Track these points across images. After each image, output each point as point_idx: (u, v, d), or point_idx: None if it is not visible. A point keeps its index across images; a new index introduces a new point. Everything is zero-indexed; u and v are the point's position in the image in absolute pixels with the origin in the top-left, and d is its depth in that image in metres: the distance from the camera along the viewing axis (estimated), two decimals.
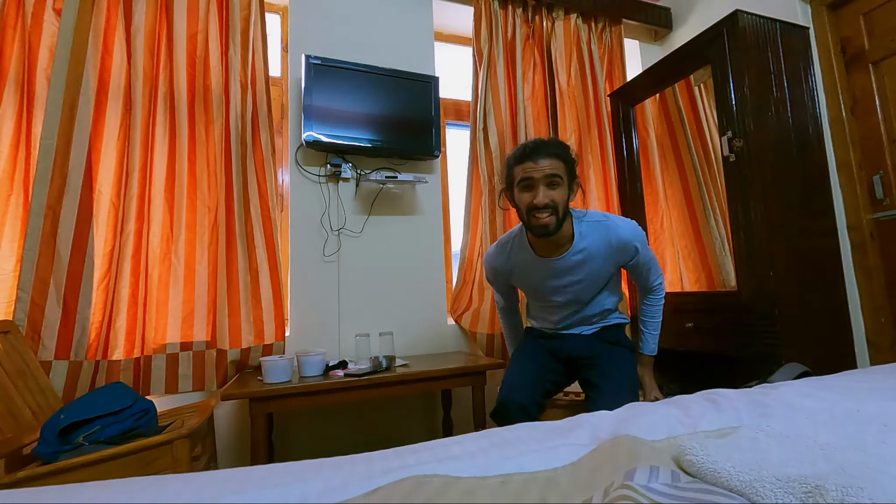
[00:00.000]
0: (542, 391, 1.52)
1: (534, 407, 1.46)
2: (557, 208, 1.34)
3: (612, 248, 1.43)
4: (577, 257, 1.43)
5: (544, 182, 1.33)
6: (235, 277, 1.80)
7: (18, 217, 1.60)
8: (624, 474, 0.57)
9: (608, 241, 1.42)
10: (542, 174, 1.33)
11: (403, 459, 0.72)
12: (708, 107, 2.20)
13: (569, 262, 1.43)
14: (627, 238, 1.43)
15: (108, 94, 1.74)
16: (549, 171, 1.33)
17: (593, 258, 1.43)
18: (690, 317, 2.01)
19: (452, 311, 2.25)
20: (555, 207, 1.33)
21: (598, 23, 2.62)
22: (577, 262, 1.43)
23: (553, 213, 1.33)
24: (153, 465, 1.13)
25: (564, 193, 1.36)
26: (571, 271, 1.45)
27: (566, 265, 1.44)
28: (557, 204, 1.34)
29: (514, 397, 1.45)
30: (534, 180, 1.34)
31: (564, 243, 1.43)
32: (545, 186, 1.33)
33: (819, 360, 1.62)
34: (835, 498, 0.48)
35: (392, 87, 2.16)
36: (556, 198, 1.33)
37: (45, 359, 1.51)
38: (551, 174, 1.33)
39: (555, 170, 1.33)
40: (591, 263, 1.43)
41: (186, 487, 0.65)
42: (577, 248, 1.42)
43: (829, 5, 2.01)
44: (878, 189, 1.85)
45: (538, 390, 1.50)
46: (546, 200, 1.32)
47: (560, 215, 1.35)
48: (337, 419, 2.02)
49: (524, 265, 1.51)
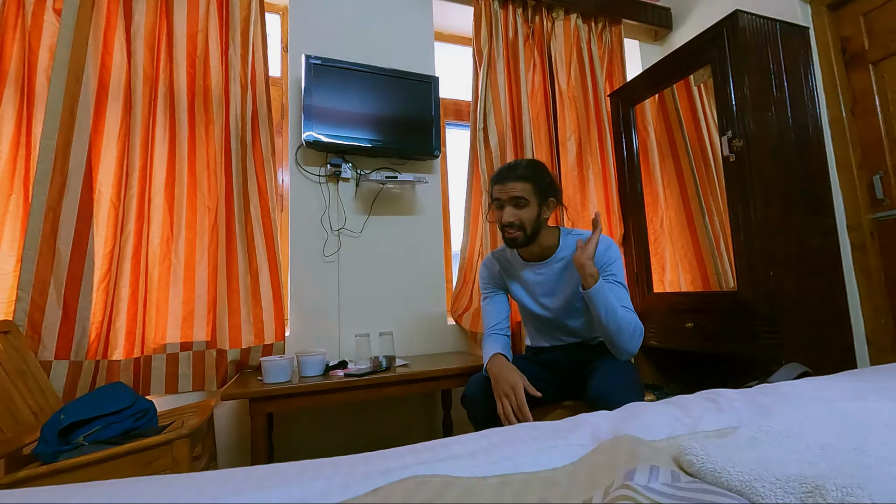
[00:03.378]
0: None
1: None
2: (524, 225, 1.46)
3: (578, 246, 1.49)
4: (559, 265, 1.53)
5: (510, 203, 1.46)
6: (235, 277, 1.80)
7: (18, 217, 1.60)
8: (624, 474, 0.57)
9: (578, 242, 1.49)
10: (509, 196, 1.46)
11: (403, 459, 0.72)
12: (707, 107, 2.20)
13: (552, 268, 1.54)
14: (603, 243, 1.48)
15: (108, 94, 1.74)
16: (515, 194, 1.45)
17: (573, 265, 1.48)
18: (690, 317, 2.01)
19: (452, 311, 2.25)
20: (520, 225, 1.46)
21: (598, 23, 2.62)
22: (560, 269, 1.53)
23: (519, 229, 1.46)
24: (153, 465, 1.13)
25: (532, 212, 1.47)
26: (556, 279, 1.54)
27: (551, 272, 1.54)
28: (523, 221, 1.46)
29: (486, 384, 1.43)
30: (502, 201, 1.48)
31: (549, 252, 1.54)
32: (512, 206, 1.46)
33: (819, 360, 1.62)
34: (835, 498, 0.48)
35: (392, 87, 2.16)
36: (521, 216, 1.46)
37: (45, 359, 1.51)
38: (517, 196, 1.45)
39: (521, 192, 1.45)
40: (573, 270, 1.49)
41: (186, 487, 0.65)
42: (559, 256, 1.54)
43: (829, 5, 2.01)
44: (878, 189, 1.85)
45: None
46: (511, 219, 1.45)
47: (528, 231, 1.47)
48: (337, 419, 2.02)
49: (515, 271, 1.62)
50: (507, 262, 1.64)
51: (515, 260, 1.61)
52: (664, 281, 2.35)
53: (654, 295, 2.28)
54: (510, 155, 2.31)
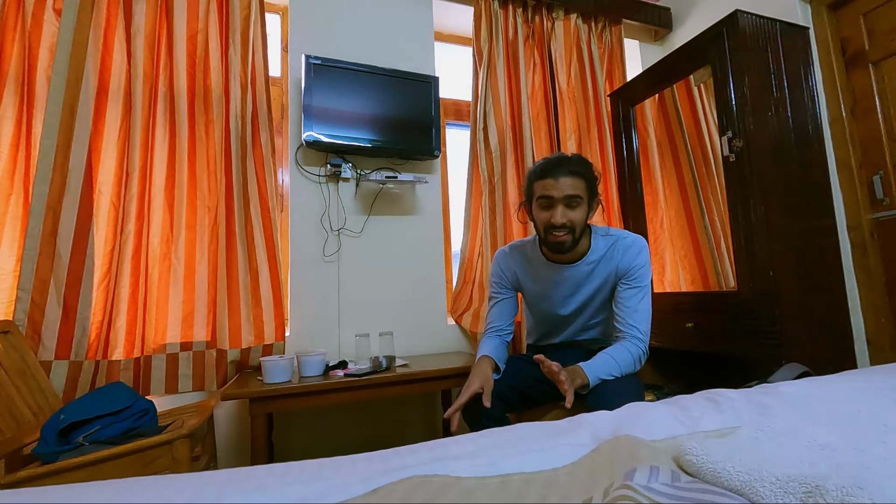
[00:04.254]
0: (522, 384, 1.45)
1: (512, 393, 1.40)
2: (575, 228, 1.33)
3: (617, 252, 1.42)
4: (588, 268, 1.43)
5: (563, 202, 1.31)
6: (235, 277, 1.80)
7: (18, 217, 1.60)
8: (624, 474, 0.57)
9: (615, 247, 1.42)
10: (562, 194, 1.31)
11: (403, 459, 0.72)
12: (707, 107, 2.20)
13: (580, 271, 1.43)
14: (634, 245, 1.42)
15: (108, 94, 1.74)
16: (570, 192, 1.31)
17: (603, 268, 1.42)
18: (690, 317, 2.01)
19: (452, 311, 2.25)
20: (572, 228, 1.33)
21: (598, 23, 2.62)
22: (587, 273, 1.43)
23: (570, 232, 1.33)
24: (153, 465, 1.13)
25: (583, 213, 1.34)
26: (581, 282, 1.44)
27: (577, 274, 1.44)
28: (575, 224, 1.33)
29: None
30: (553, 200, 1.32)
31: (577, 256, 1.43)
32: (564, 206, 1.31)
33: (819, 360, 1.62)
34: (835, 498, 0.48)
35: (392, 87, 2.16)
36: (574, 218, 1.32)
37: (45, 359, 1.51)
38: (571, 195, 1.31)
39: (575, 189, 1.32)
40: (600, 274, 1.43)
41: (186, 487, 0.65)
42: (590, 259, 1.42)
43: (829, 5, 2.01)
44: (878, 189, 1.85)
45: (518, 380, 1.44)
46: (564, 220, 1.31)
47: (577, 234, 1.34)
48: (337, 419, 2.02)
49: (535, 270, 1.51)
50: (526, 260, 1.52)
51: (537, 258, 1.49)
52: (664, 281, 2.35)
53: (655, 295, 2.27)
54: (510, 155, 2.31)
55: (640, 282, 1.39)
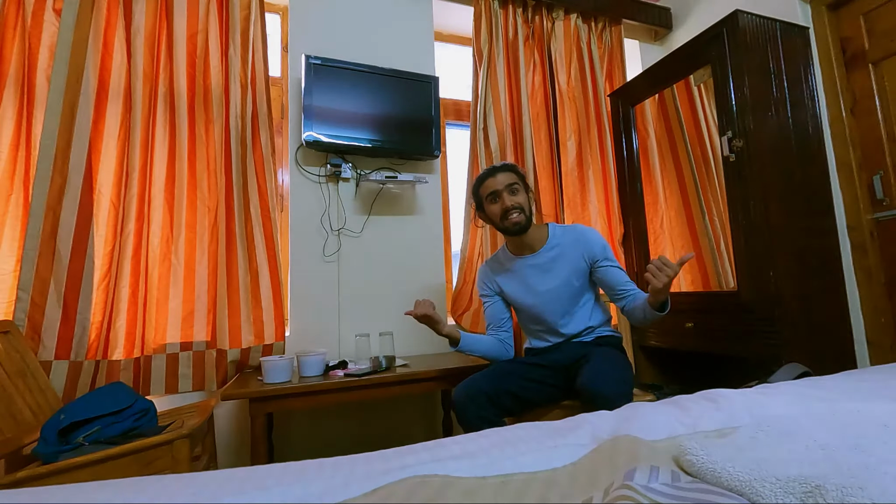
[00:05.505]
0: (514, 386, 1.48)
1: (505, 396, 1.44)
2: (522, 208, 1.57)
3: (580, 242, 1.60)
4: (552, 253, 1.61)
5: (506, 190, 1.57)
6: (235, 277, 1.80)
7: (18, 217, 1.60)
8: (624, 474, 0.57)
9: (576, 238, 1.62)
10: (503, 185, 1.57)
11: (403, 459, 0.72)
12: (707, 107, 2.20)
13: (544, 257, 1.62)
14: (592, 233, 1.63)
15: (108, 94, 1.74)
16: (508, 182, 1.57)
17: (566, 252, 1.60)
18: (690, 317, 2.01)
19: (452, 311, 2.25)
20: (521, 208, 1.56)
21: (598, 23, 2.62)
22: (552, 258, 1.61)
23: (521, 212, 1.56)
24: (153, 465, 1.13)
25: (524, 197, 1.59)
26: (547, 267, 1.61)
27: (541, 260, 1.62)
28: (521, 204, 1.57)
29: (481, 385, 1.44)
30: (498, 191, 1.57)
31: (539, 243, 1.63)
32: (507, 193, 1.57)
33: (819, 360, 1.62)
34: (835, 498, 0.48)
35: (392, 87, 2.16)
36: (519, 200, 1.57)
37: (45, 359, 1.51)
38: (509, 183, 1.57)
39: (511, 179, 1.58)
40: (565, 258, 1.60)
41: (186, 487, 0.65)
42: (551, 244, 1.63)
43: (829, 5, 2.01)
44: (878, 189, 1.85)
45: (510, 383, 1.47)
46: (510, 203, 1.55)
47: (527, 213, 1.58)
48: (337, 419, 2.02)
49: (508, 269, 1.68)
50: (499, 264, 1.72)
51: (506, 257, 1.70)
52: None
53: None
54: (510, 155, 2.31)
55: (612, 259, 1.61)
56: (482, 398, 1.40)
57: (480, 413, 1.38)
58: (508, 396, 1.46)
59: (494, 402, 1.42)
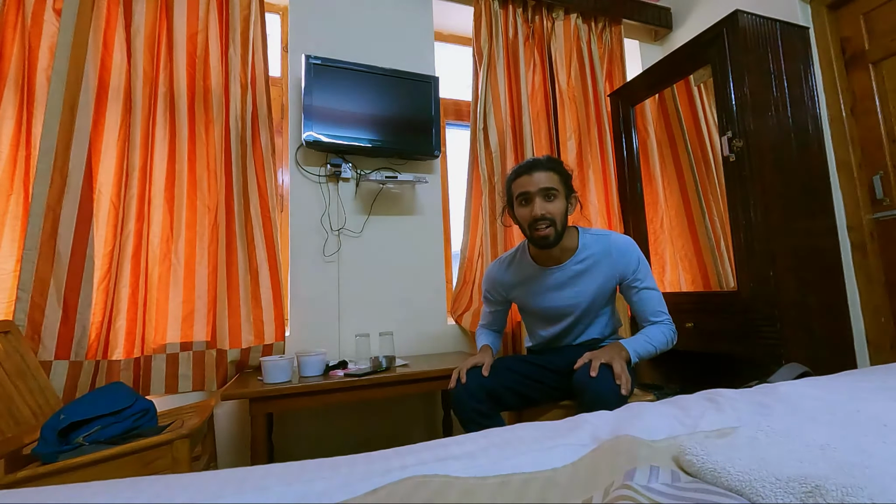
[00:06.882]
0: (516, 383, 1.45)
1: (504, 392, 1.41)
2: (555, 220, 1.38)
3: (612, 257, 1.45)
4: (580, 266, 1.46)
5: (540, 195, 1.38)
6: (235, 277, 1.80)
7: (18, 217, 1.60)
8: (624, 474, 0.57)
9: (608, 251, 1.46)
10: (538, 187, 1.38)
11: (403, 459, 0.72)
12: (707, 107, 2.20)
13: (570, 271, 1.46)
14: (627, 246, 1.46)
15: (108, 94, 1.74)
16: (545, 185, 1.37)
17: (595, 266, 1.46)
18: (690, 317, 2.01)
19: (452, 311, 2.25)
20: (552, 219, 1.38)
21: (598, 23, 2.62)
22: (579, 272, 1.46)
23: (550, 224, 1.38)
24: (153, 465, 1.13)
25: (561, 206, 1.40)
26: (572, 282, 1.47)
27: (567, 275, 1.47)
28: (554, 216, 1.38)
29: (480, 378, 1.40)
30: (530, 194, 1.38)
31: (567, 254, 1.47)
32: (541, 199, 1.38)
33: (819, 360, 1.62)
34: (835, 498, 0.48)
35: (392, 87, 2.16)
36: (552, 210, 1.38)
37: (45, 359, 1.51)
38: (546, 187, 1.38)
39: (550, 182, 1.38)
40: (593, 273, 1.46)
41: (186, 487, 0.65)
42: (580, 257, 1.46)
43: (829, 5, 2.01)
44: (878, 189, 1.85)
45: (511, 379, 1.44)
46: (542, 212, 1.37)
47: (558, 227, 1.39)
48: (337, 419, 2.02)
49: (526, 278, 1.54)
50: (515, 267, 1.56)
51: (526, 262, 1.53)
52: (664, 281, 2.36)
53: None
54: (510, 155, 2.31)
55: (646, 278, 1.45)
56: (481, 392, 1.38)
57: (477, 406, 1.35)
58: (507, 392, 1.44)
59: (492, 396, 1.40)
